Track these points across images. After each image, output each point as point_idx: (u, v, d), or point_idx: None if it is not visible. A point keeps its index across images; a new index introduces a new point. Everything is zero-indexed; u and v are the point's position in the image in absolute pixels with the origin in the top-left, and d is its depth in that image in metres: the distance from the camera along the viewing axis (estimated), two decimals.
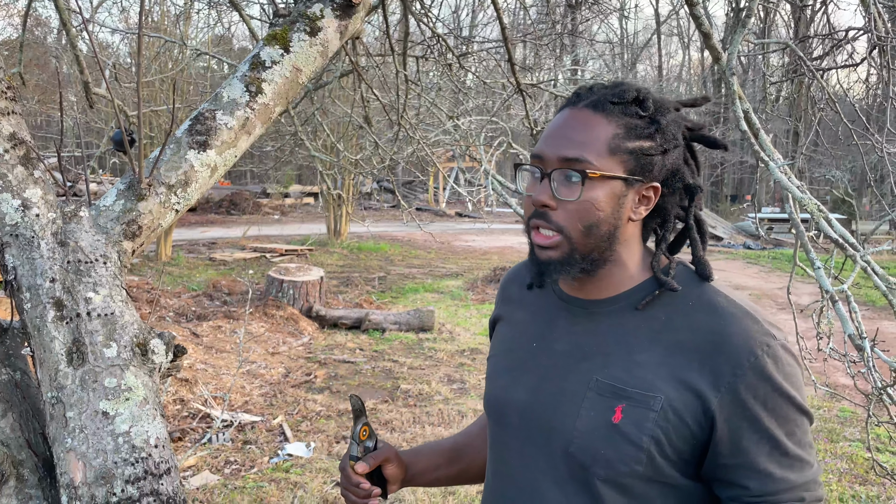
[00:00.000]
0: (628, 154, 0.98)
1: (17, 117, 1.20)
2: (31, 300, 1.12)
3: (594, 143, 0.97)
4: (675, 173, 1.01)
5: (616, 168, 0.97)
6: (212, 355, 6.45)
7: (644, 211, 1.01)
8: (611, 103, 0.98)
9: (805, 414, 0.96)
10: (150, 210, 1.26)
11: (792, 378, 0.95)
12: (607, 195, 0.97)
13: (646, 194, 1.01)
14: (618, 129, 0.98)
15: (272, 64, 1.41)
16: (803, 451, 0.95)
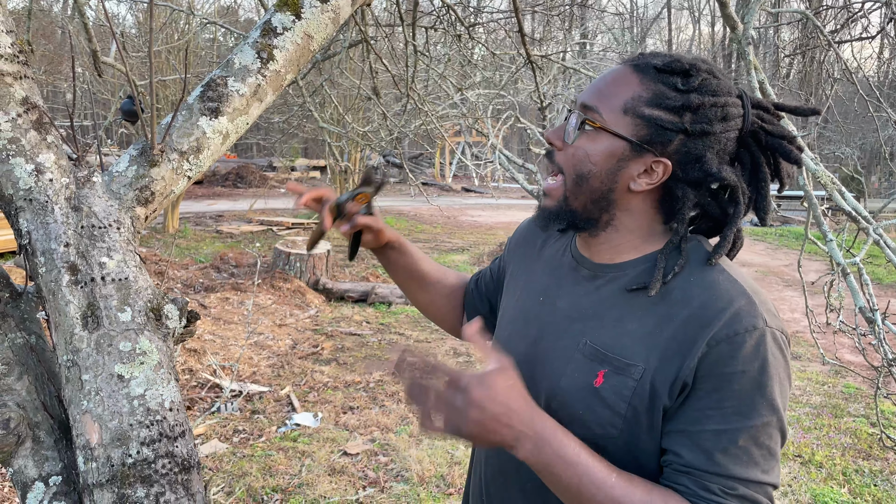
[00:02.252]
0: (642, 119, 0.93)
1: (30, 82, 1.19)
2: (46, 264, 1.13)
3: (613, 98, 0.95)
4: (696, 159, 0.94)
5: (624, 128, 0.94)
6: (220, 326, 6.50)
7: (646, 184, 0.96)
8: (654, 68, 0.94)
9: (773, 411, 0.89)
10: (163, 176, 1.27)
11: (769, 368, 0.88)
12: (604, 151, 0.95)
13: (653, 167, 0.95)
14: (644, 92, 0.94)
15: (283, 31, 1.40)
16: (757, 450, 0.88)
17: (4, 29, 1.16)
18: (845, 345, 6.48)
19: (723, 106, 0.93)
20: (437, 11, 3.10)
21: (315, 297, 7.85)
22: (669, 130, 0.93)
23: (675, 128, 0.92)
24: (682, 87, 0.93)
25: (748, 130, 0.96)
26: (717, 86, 0.94)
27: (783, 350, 0.91)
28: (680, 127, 0.92)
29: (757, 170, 0.98)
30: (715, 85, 0.93)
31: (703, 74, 0.94)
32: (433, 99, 5.24)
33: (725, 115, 0.93)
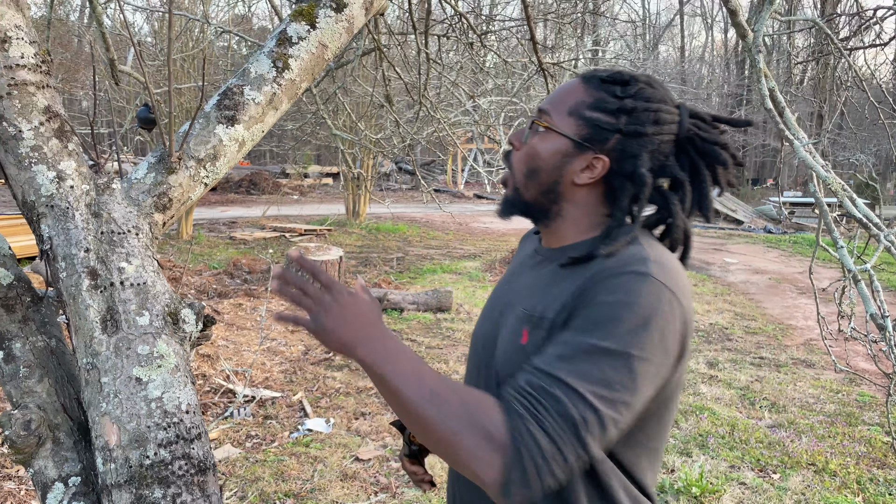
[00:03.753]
0: (584, 120, 1.05)
1: (52, 91, 1.22)
2: (67, 269, 1.16)
3: (561, 104, 1.08)
4: (631, 157, 1.04)
5: (568, 128, 1.06)
6: (233, 332, 6.54)
7: (588, 178, 1.06)
8: (599, 79, 1.07)
9: (627, 346, 0.90)
10: (180, 183, 1.29)
11: (639, 309, 0.91)
12: (552, 149, 1.07)
13: (594, 163, 1.06)
14: (588, 98, 1.06)
15: (299, 40, 1.43)
16: (589, 366, 0.90)
17: (28, 40, 1.19)
18: (860, 353, 6.43)
19: (655, 111, 1.04)
20: (450, 20, 3.13)
21: None
22: (607, 130, 1.04)
23: (612, 128, 1.04)
24: (620, 94, 1.05)
25: (684, 136, 1.07)
26: (651, 94, 1.05)
27: (662, 299, 0.93)
28: (616, 127, 1.04)
29: (696, 172, 1.09)
30: (650, 93, 1.05)
31: (641, 84, 1.06)
32: (445, 106, 5.26)
33: (657, 119, 1.04)
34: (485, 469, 0.88)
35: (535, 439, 0.87)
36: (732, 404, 5.10)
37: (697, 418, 4.75)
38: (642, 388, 0.91)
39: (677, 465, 4.01)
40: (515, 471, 0.87)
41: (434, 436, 0.90)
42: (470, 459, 0.89)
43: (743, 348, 6.73)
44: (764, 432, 4.54)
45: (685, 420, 4.72)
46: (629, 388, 0.90)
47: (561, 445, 0.87)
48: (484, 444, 0.88)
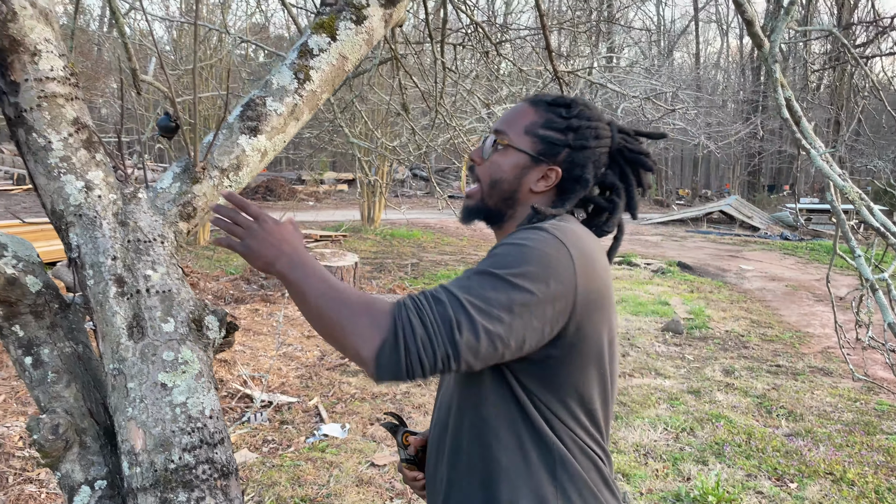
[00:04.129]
0: (538, 138, 1.23)
1: (80, 102, 1.26)
2: (94, 277, 1.18)
3: (516, 124, 1.25)
4: (580, 166, 1.23)
5: (525, 145, 1.23)
6: (249, 337, 6.58)
7: (544, 186, 1.23)
8: (545, 103, 1.26)
9: (507, 269, 1.04)
10: (204, 192, 1.32)
11: (524, 248, 1.07)
12: (512, 163, 1.23)
13: (548, 174, 1.23)
14: (538, 118, 1.24)
15: (319, 52, 1.46)
16: (473, 280, 1.04)
17: (57, 53, 1.23)
18: (878, 361, 6.37)
19: (595, 128, 1.24)
20: (466, 29, 3.15)
21: None
22: (558, 145, 1.22)
23: (562, 143, 1.22)
24: (566, 114, 1.24)
25: (615, 148, 1.27)
26: (590, 114, 1.25)
27: (556, 252, 1.07)
28: (566, 143, 1.22)
29: (625, 177, 1.29)
30: (589, 113, 1.25)
31: (580, 106, 1.25)
32: (460, 114, 5.29)
33: (598, 134, 1.24)
34: (363, 345, 1.01)
35: (412, 326, 1.00)
36: (749, 412, 5.07)
37: (714, 426, 4.73)
38: (519, 314, 1.02)
39: (693, 474, 4.00)
40: (390, 350, 1.00)
41: (329, 322, 1.04)
42: (355, 338, 1.02)
43: (759, 356, 6.69)
44: (781, 441, 4.51)
45: (701, 428, 4.70)
46: (506, 307, 1.02)
47: (433, 337, 1.00)
48: (368, 324, 1.02)
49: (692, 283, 10.78)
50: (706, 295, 9.82)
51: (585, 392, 1.14)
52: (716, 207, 22.15)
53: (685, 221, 21.44)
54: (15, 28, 1.16)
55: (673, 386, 5.67)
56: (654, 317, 8.22)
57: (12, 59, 1.17)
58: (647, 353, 6.69)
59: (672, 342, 7.17)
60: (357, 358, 1.03)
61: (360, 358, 1.02)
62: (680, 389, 5.59)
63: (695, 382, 5.77)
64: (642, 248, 15.09)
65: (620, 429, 4.67)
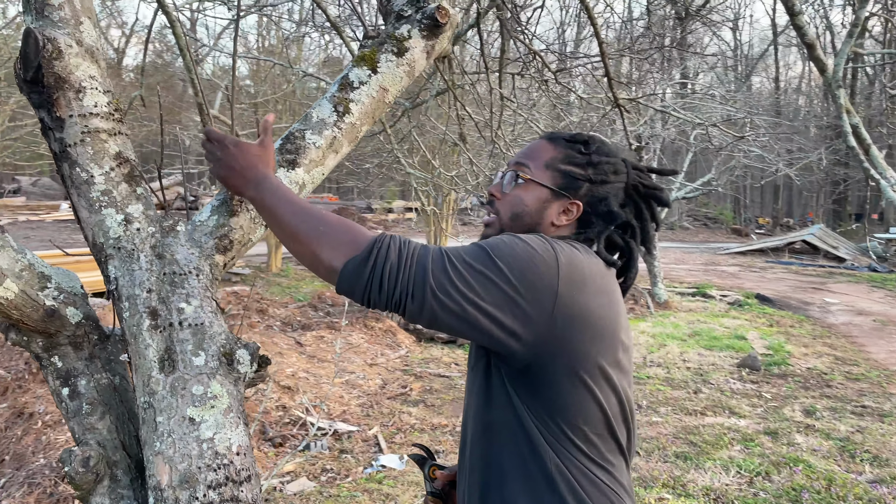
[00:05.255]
0: (559, 173, 1.26)
1: (123, 137, 1.28)
2: (130, 309, 1.19)
3: (537, 159, 1.28)
4: (600, 200, 1.26)
5: (546, 179, 1.26)
6: (313, 364, 6.66)
7: (565, 220, 1.26)
8: (563, 139, 1.29)
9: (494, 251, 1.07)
10: (241, 225, 1.32)
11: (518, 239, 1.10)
12: (534, 197, 1.26)
13: (569, 208, 1.26)
14: (558, 154, 1.27)
15: (360, 84, 1.45)
16: (462, 249, 1.10)
17: (102, 89, 1.26)
18: None
19: (613, 164, 1.27)
20: (524, 58, 3.13)
21: (406, 337, 7.92)
22: (579, 180, 1.25)
23: (583, 178, 1.25)
24: (585, 150, 1.27)
25: (631, 184, 1.29)
26: (608, 150, 1.29)
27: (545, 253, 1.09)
28: (586, 177, 1.26)
29: (640, 212, 1.31)
30: (607, 149, 1.29)
31: (598, 143, 1.29)
32: (522, 142, 5.25)
33: (616, 170, 1.27)
34: (336, 255, 1.06)
35: (387, 253, 1.05)
36: (830, 457, 4.76)
37: (791, 471, 4.45)
38: (488, 289, 1.04)
39: None
40: (358, 264, 1.04)
41: (305, 237, 1.09)
42: (329, 250, 1.07)
43: (843, 395, 6.30)
44: (864, 488, 4.20)
45: (777, 472, 4.43)
46: (479, 276, 1.04)
47: (403, 269, 1.03)
48: (346, 240, 1.07)
49: (771, 316, 10.31)
50: (787, 329, 9.36)
51: (579, 415, 1.11)
52: (798, 237, 21.24)
53: (765, 251, 20.64)
54: (60, 66, 1.19)
55: (748, 426, 5.39)
56: (729, 352, 7.88)
57: (58, 95, 1.20)
58: (720, 391, 6.40)
59: (748, 379, 6.84)
60: (326, 267, 1.08)
61: (329, 267, 1.07)
62: (756, 430, 5.30)
63: (772, 423, 5.47)
64: (718, 279, 14.57)
65: (690, 470, 4.45)
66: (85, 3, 1.27)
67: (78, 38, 1.23)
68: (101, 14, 18.57)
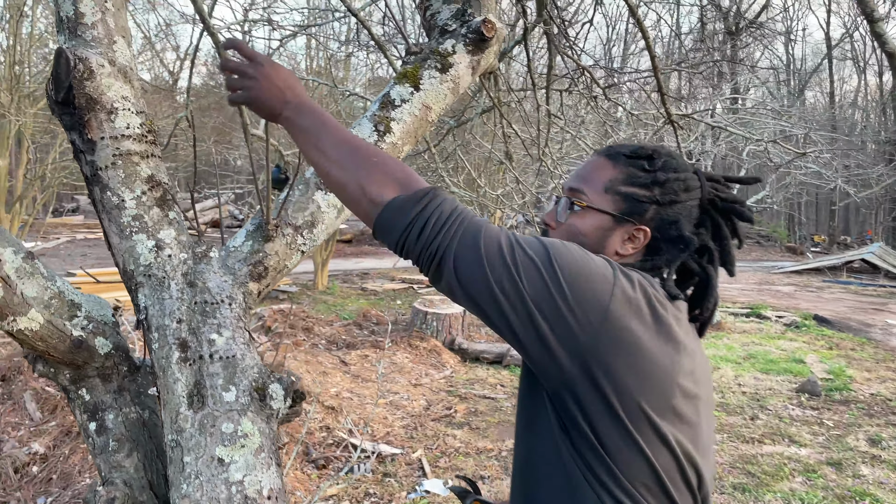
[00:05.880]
0: (620, 196, 1.12)
1: (156, 160, 1.23)
2: (159, 340, 1.13)
3: (594, 181, 1.14)
4: (670, 224, 1.12)
5: (606, 204, 1.12)
6: (358, 384, 6.60)
7: (631, 249, 1.12)
8: (623, 155, 1.14)
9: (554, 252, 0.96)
10: (277, 251, 1.25)
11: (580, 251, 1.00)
12: (593, 225, 1.13)
13: (635, 234, 1.12)
14: (618, 174, 1.13)
15: (402, 102, 1.38)
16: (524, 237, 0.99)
17: (134, 110, 1.21)
18: None
19: (684, 180, 1.12)
20: (572, 74, 3.04)
21: (450, 356, 7.82)
22: (644, 202, 1.11)
23: (649, 200, 1.11)
24: (649, 167, 1.13)
25: (706, 199, 1.14)
26: (676, 165, 1.13)
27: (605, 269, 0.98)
28: (652, 199, 1.11)
29: (719, 230, 1.15)
30: (675, 164, 1.13)
31: (664, 157, 1.14)
32: (568, 160, 5.14)
33: (687, 186, 1.12)
34: (383, 190, 0.98)
35: (442, 202, 0.96)
36: None
37: None
38: (535, 278, 0.93)
39: None
40: (403, 204, 0.95)
41: (351, 165, 1.00)
42: (377, 184, 0.98)
43: None
44: None
45: None
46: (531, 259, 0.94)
47: (450, 224, 0.94)
48: (398, 178, 0.98)
49: (830, 338, 9.88)
50: (847, 352, 8.95)
51: (621, 464, 0.97)
52: (857, 255, 20.45)
53: (822, 270, 19.92)
54: (92, 86, 1.15)
55: (809, 456, 5.12)
56: (786, 376, 7.55)
57: (89, 117, 1.16)
58: (779, 417, 6.12)
59: (808, 405, 6.53)
60: (371, 199, 0.99)
61: (374, 199, 0.98)
62: (818, 460, 5.03)
63: (835, 453, 5.18)
64: (773, 300, 14.08)
65: (748, 503, 4.23)
66: (119, 22, 1.23)
67: (111, 58, 1.19)
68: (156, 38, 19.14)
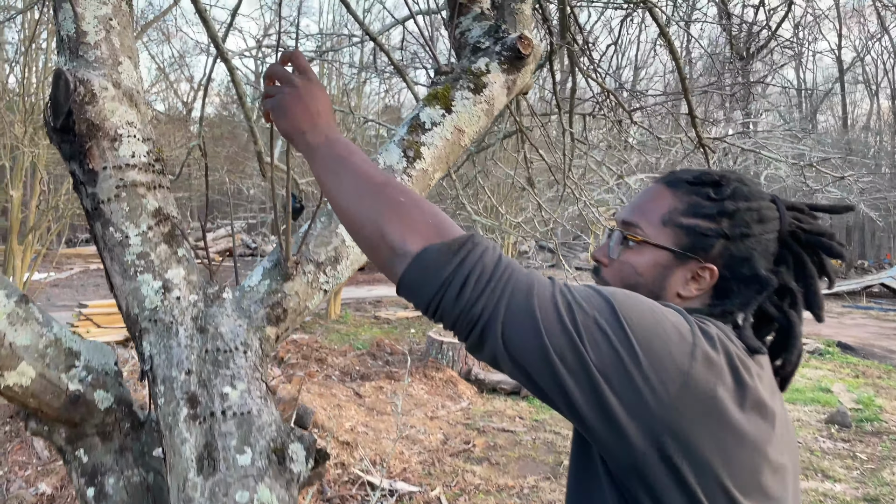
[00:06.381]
0: (681, 229, 0.98)
1: (164, 191, 1.12)
2: (165, 394, 1.01)
3: (651, 213, 1.00)
4: (742, 261, 0.96)
5: (665, 239, 0.98)
6: (373, 417, 6.44)
7: (696, 290, 0.97)
8: (685, 182, 1.01)
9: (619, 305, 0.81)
10: (297, 291, 1.13)
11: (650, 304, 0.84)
12: (651, 262, 0.98)
13: (700, 273, 0.97)
14: (679, 204, 0.99)
15: (432, 126, 1.26)
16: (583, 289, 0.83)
17: (140, 137, 1.10)
18: None
19: (757, 209, 0.97)
20: (597, 97, 2.93)
21: (467, 387, 7.63)
22: (709, 236, 0.96)
23: (715, 233, 0.96)
24: (715, 195, 0.98)
25: (787, 231, 0.99)
26: (748, 192, 0.98)
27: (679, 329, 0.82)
28: (719, 232, 0.96)
29: (803, 267, 0.99)
30: (747, 191, 0.98)
31: (734, 184, 0.99)
32: (589, 185, 5.02)
33: (761, 217, 0.97)
34: (409, 235, 0.81)
35: (484, 252, 0.80)
36: None
37: None
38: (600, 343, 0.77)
39: None
40: (439, 254, 0.79)
41: (375, 204, 0.84)
42: (405, 227, 0.82)
43: None
44: None
45: None
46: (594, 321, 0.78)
47: (502, 275, 0.78)
48: (430, 222, 0.82)
49: (856, 366, 9.62)
50: (874, 381, 8.69)
51: None
52: (876, 280, 20.12)
53: (840, 295, 19.58)
54: (94, 111, 1.04)
55: (845, 492, 4.89)
56: (814, 405, 7.32)
57: (90, 145, 1.05)
58: (809, 450, 5.89)
59: (839, 437, 6.29)
60: (394, 247, 0.82)
61: (398, 248, 0.81)
62: (854, 496, 4.80)
63: (871, 488, 4.96)
64: None
65: None
66: (125, 42, 1.12)
67: (115, 80, 1.08)
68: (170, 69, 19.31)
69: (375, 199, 0.86)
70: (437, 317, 0.80)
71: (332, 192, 0.90)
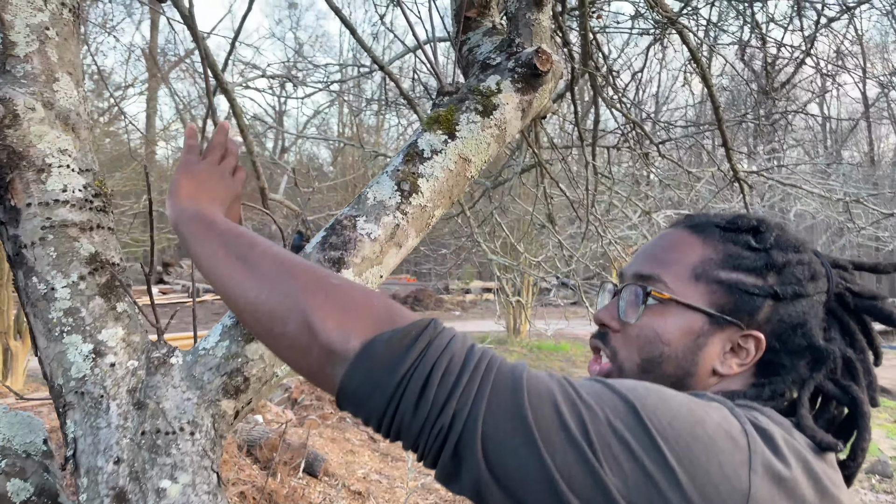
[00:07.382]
0: (719, 285, 0.77)
1: (104, 232, 0.92)
2: (89, 489, 0.80)
3: (676, 264, 0.79)
4: (796, 328, 0.76)
5: (697, 297, 0.77)
6: (387, 464, 6.17)
7: (737, 366, 0.76)
8: (716, 226, 0.81)
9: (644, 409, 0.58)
10: (262, 355, 0.92)
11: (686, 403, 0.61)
12: (679, 328, 0.77)
13: (742, 344, 0.76)
14: (713, 254, 0.79)
15: (432, 154, 1.06)
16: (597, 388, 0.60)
17: (77, 167, 0.91)
18: None
19: (808, 263, 0.78)
20: (622, 128, 2.74)
21: None
22: (756, 296, 0.76)
23: (762, 292, 0.76)
24: (757, 244, 0.79)
25: (833, 292, 0.79)
26: (795, 242, 0.80)
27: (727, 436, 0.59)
28: (767, 291, 0.76)
29: (852, 338, 0.79)
30: (793, 240, 0.80)
31: (776, 230, 0.80)
32: (612, 221, 4.82)
33: (813, 273, 0.78)
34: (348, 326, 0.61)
35: (451, 341, 0.60)
36: None
37: None
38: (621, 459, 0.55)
39: None
40: (393, 343, 0.58)
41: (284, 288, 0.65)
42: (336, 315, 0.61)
43: None
44: None
45: None
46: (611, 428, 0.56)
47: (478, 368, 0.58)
48: (372, 306, 0.63)
49: (893, 411, 9.17)
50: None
51: None
52: None
53: None
54: (15, 136, 0.85)
55: None
56: None
57: (12, 177, 0.86)
58: None
59: (881, 489, 5.91)
60: (326, 344, 0.60)
61: (338, 344, 0.60)
62: None
63: None
64: None
65: None
66: (65, 55, 0.94)
67: (47, 100, 0.90)
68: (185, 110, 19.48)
69: (296, 280, 0.66)
70: (394, 433, 0.58)
71: (228, 279, 0.69)
